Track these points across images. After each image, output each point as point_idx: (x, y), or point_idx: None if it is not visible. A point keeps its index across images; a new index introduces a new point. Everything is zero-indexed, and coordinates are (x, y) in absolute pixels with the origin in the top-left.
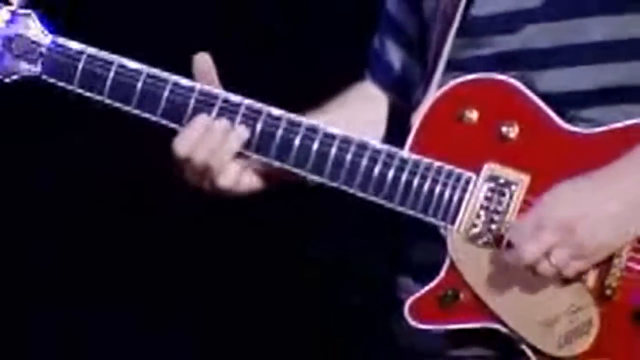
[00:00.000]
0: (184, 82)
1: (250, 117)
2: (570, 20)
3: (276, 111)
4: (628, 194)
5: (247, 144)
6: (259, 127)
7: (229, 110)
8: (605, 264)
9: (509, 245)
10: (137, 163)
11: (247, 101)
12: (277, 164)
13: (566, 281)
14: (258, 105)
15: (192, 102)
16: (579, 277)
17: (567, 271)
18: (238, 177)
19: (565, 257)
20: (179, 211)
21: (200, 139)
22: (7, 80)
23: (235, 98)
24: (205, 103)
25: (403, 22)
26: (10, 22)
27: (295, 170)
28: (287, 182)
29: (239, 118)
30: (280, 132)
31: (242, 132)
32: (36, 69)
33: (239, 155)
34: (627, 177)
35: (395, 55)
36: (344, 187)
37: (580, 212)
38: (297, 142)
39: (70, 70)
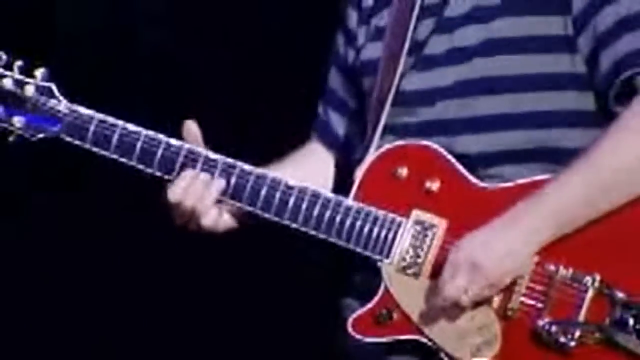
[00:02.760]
0: (174, 142)
1: (227, 172)
2: (476, 98)
3: (247, 167)
4: (521, 235)
5: (224, 193)
6: (233, 179)
7: (209, 166)
8: (508, 290)
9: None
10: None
11: (225, 159)
12: (248, 208)
13: (477, 303)
14: (232, 161)
15: (180, 159)
16: (488, 300)
17: (479, 299)
18: (217, 218)
19: (477, 291)
20: None
21: (187, 188)
22: (33, 138)
23: (214, 156)
24: (191, 159)
25: (344, 96)
26: (36, 91)
27: (262, 214)
28: (254, 223)
29: (217, 172)
30: (250, 183)
31: (220, 183)
32: (56, 129)
33: (218, 201)
34: (520, 222)
35: (338, 123)
36: (302, 229)
37: (485, 253)
38: (263, 192)
39: (83, 132)
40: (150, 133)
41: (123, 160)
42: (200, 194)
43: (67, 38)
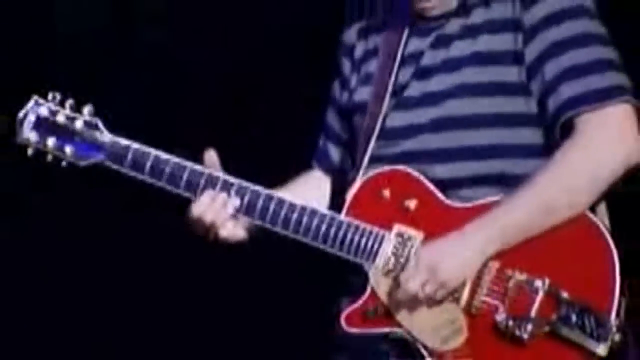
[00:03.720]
0: (197, 167)
1: (241, 192)
2: (447, 133)
3: (258, 188)
4: (470, 248)
5: (239, 209)
6: (246, 198)
7: (226, 187)
8: (473, 291)
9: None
10: None
11: (238, 181)
12: (258, 222)
13: (446, 302)
14: (246, 184)
15: (202, 181)
16: (454, 299)
17: (437, 296)
18: (233, 230)
19: (431, 290)
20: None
21: (208, 206)
22: (81, 164)
23: (231, 179)
24: (211, 182)
25: (339, 130)
26: (84, 125)
27: (270, 227)
28: (263, 234)
29: (233, 192)
30: (260, 202)
31: (235, 202)
32: (100, 157)
33: (233, 216)
34: (471, 237)
35: (334, 153)
36: (303, 239)
37: (442, 260)
38: (271, 209)
39: (122, 159)
40: (177, 160)
41: (154, 181)
42: (218, 210)
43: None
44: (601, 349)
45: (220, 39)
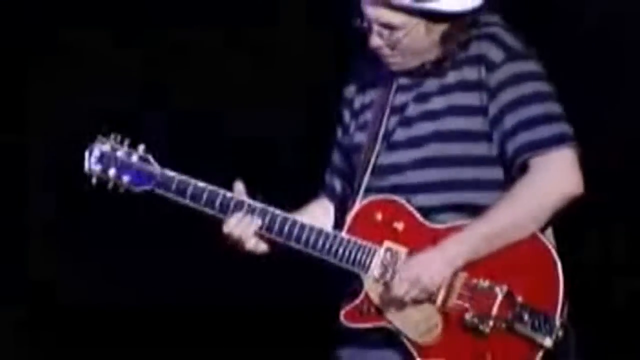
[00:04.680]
0: (228, 194)
1: (262, 214)
2: (427, 170)
3: (277, 211)
4: (444, 261)
5: (261, 228)
6: (267, 219)
7: (251, 210)
8: (447, 294)
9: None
10: None
11: (261, 205)
12: (278, 239)
13: (425, 302)
14: (266, 207)
15: (232, 205)
16: (431, 301)
17: (416, 298)
18: (256, 244)
19: (415, 293)
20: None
21: (236, 224)
22: (136, 190)
23: (254, 203)
24: (239, 206)
25: (342, 166)
26: (138, 160)
27: (287, 242)
28: (280, 248)
29: (256, 214)
30: (278, 222)
31: (258, 222)
32: (151, 185)
33: (256, 234)
34: (444, 253)
35: (337, 184)
36: (311, 252)
37: (423, 270)
38: (286, 228)
39: (168, 187)
40: (212, 187)
41: (194, 205)
42: (244, 229)
43: None
44: (547, 342)
45: None
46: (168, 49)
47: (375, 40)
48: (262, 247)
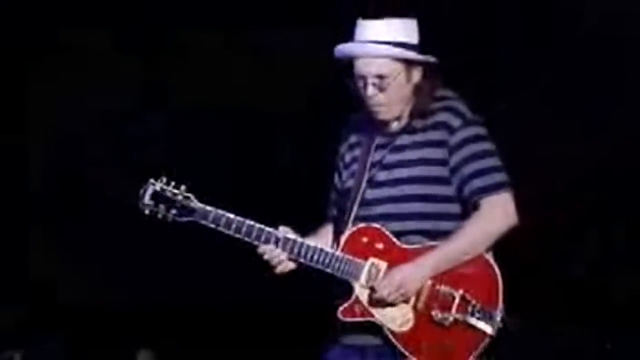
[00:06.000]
0: (251, 223)
1: (289, 243)
2: (402, 204)
3: (299, 239)
4: (418, 272)
5: (290, 252)
6: (288, 246)
7: (278, 239)
8: (417, 297)
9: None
10: None
11: (285, 235)
12: (301, 260)
13: (401, 303)
14: (287, 235)
15: (263, 235)
16: (406, 301)
17: (397, 300)
18: (286, 265)
19: (395, 296)
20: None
21: (267, 250)
22: (180, 220)
23: (280, 235)
24: (269, 236)
25: (337, 202)
26: (182, 197)
27: (306, 263)
28: (301, 265)
29: (281, 242)
30: (296, 247)
31: (281, 249)
32: (192, 217)
33: (282, 257)
34: (418, 266)
35: (334, 215)
36: (316, 266)
37: (404, 278)
38: (303, 251)
39: (206, 218)
40: (240, 218)
41: (228, 232)
42: (276, 254)
43: None
44: (490, 330)
45: None
46: (168, 49)
47: (371, 90)
48: (290, 266)
